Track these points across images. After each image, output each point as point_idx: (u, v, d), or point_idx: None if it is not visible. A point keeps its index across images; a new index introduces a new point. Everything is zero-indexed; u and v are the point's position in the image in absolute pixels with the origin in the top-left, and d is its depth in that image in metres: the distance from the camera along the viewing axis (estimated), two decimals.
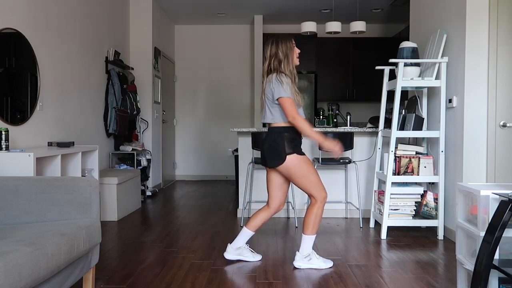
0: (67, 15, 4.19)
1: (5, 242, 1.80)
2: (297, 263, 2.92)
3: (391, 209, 3.81)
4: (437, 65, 3.77)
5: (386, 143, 4.21)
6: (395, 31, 7.36)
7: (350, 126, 5.63)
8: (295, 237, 3.76)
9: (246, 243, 3.08)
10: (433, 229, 3.88)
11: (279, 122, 2.85)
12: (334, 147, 2.84)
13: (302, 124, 2.79)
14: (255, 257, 3.08)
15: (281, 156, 2.81)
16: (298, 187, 2.91)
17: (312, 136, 2.83)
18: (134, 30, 6.11)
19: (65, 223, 2.21)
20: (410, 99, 4.38)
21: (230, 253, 3.05)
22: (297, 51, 2.94)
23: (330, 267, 2.92)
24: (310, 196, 2.91)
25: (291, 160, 2.81)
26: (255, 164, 4.30)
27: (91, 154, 3.94)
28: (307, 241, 2.92)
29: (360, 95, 7.43)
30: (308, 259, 2.91)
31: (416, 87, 3.97)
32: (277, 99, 2.80)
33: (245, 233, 3.04)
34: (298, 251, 2.95)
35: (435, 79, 3.78)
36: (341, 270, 2.88)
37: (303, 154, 2.88)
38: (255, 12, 6.98)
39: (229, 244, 3.09)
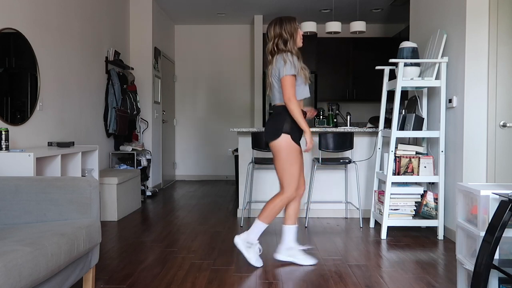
0: (67, 15, 4.19)
1: (5, 242, 1.80)
2: (238, 239, 2.94)
3: (391, 209, 3.81)
4: (437, 65, 3.77)
5: (386, 143, 4.21)
6: (395, 31, 7.36)
7: (350, 126, 5.63)
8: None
9: (298, 244, 3.05)
10: (433, 229, 3.87)
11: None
12: (310, 143, 2.86)
13: (294, 107, 2.80)
14: (308, 261, 2.98)
15: (277, 131, 2.83)
16: (276, 171, 2.91)
17: (300, 121, 2.82)
18: (134, 30, 6.11)
19: (65, 223, 2.21)
20: (410, 99, 4.38)
21: (282, 253, 3.02)
22: (300, 33, 2.94)
23: (258, 267, 2.89)
24: (280, 185, 2.91)
25: (284, 140, 2.83)
26: (255, 164, 4.30)
27: (91, 154, 3.94)
28: (257, 227, 2.91)
29: (360, 95, 7.43)
30: (248, 246, 2.91)
31: (416, 87, 3.97)
32: (281, 78, 2.81)
33: (288, 230, 3.03)
34: (246, 231, 2.95)
35: (435, 79, 3.78)
36: (341, 270, 2.88)
37: (298, 143, 2.89)
38: (255, 12, 6.98)
39: (279, 244, 3.07)
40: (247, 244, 2.92)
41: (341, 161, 4.25)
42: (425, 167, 3.82)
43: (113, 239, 3.65)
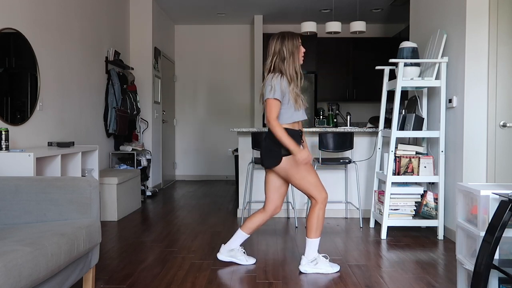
0: (67, 15, 4.19)
1: (5, 242, 1.80)
2: (303, 267, 2.84)
3: (391, 209, 3.81)
4: (437, 65, 3.77)
5: (386, 143, 4.21)
6: (395, 31, 7.36)
7: (350, 126, 5.63)
8: (295, 237, 3.77)
9: (240, 245, 3.03)
10: (433, 229, 3.88)
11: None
12: (304, 159, 2.71)
13: (277, 129, 2.69)
14: (249, 261, 3.00)
15: (277, 157, 2.75)
16: (297, 189, 2.85)
17: (286, 144, 2.70)
18: (134, 30, 6.11)
19: (65, 223, 2.21)
20: (410, 99, 4.38)
21: (223, 254, 3.02)
22: (302, 50, 2.84)
23: (337, 272, 2.83)
24: (310, 197, 2.84)
25: (288, 161, 2.75)
26: (255, 164, 4.30)
27: (91, 154, 3.94)
28: (312, 244, 2.83)
29: (360, 95, 7.43)
30: (315, 264, 2.82)
31: (416, 87, 3.97)
32: (264, 100, 2.75)
33: (240, 236, 3.00)
34: (304, 255, 2.87)
35: (435, 79, 3.78)
36: (341, 270, 2.88)
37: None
38: (255, 12, 6.98)
39: (223, 244, 3.06)
40: (313, 262, 2.83)
41: (341, 161, 4.25)
42: (425, 167, 3.82)
43: (113, 239, 3.65)
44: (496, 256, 2.02)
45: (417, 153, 3.90)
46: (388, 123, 4.15)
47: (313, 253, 2.84)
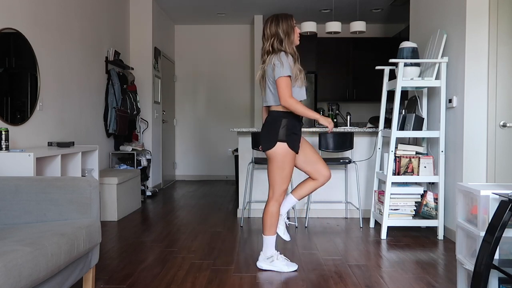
0: (67, 15, 4.19)
1: (5, 242, 1.80)
2: (260, 263, 2.90)
3: (391, 209, 3.81)
4: (437, 65, 3.77)
5: (386, 143, 4.21)
6: (395, 31, 7.36)
7: (350, 126, 5.63)
8: (295, 237, 3.76)
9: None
10: (433, 229, 3.88)
11: (280, 106, 2.79)
12: (329, 123, 2.86)
13: (296, 106, 2.72)
14: (284, 233, 2.98)
15: (272, 140, 2.75)
16: (268, 173, 2.86)
17: (309, 116, 2.78)
18: (134, 30, 6.11)
19: (65, 223, 2.21)
20: (410, 99, 4.38)
21: (280, 222, 2.97)
22: (297, 30, 2.87)
23: (293, 271, 2.85)
24: (270, 189, 2.86)
25: (280, 148, 2.74)
26: (255, 164, 4.30)
27: (91, 154, 3.94)
28: (267, 242, 2.87)
29: (360, 95, 7.43)
30: (271, 261, 2.86)
31: (416, 87, 3.97)
32: (275, 80, 2.73)
33: (290, 200, 2.97)
34: (262, 251, 2.92)
35: (435, 79, 3.78)
36: (341, 270, 2.88)
37: (296, 150, 2.79)
38: (255, 12, 6.98)
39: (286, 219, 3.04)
40: (269, 259, 2.87)
41: (341, 161, 4.25)
42: (425, 167, 3.82)
43: (113, 239, 3.65)
44: (496, 256, 2.02)
45: (417, 153, 3.90)
46: (388, 123, 4.15)
47: (270, 250, 2.88)
